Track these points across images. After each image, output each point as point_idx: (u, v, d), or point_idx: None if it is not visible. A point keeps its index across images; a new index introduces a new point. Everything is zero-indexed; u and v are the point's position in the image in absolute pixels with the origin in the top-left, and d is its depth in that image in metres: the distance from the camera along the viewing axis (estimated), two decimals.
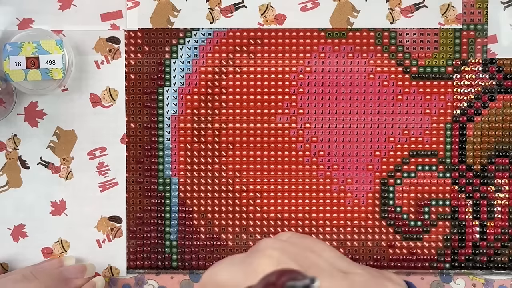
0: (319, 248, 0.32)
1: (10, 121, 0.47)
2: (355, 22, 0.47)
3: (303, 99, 0.47)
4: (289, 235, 0.33)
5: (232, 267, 0.29)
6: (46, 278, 0.44)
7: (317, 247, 0.32)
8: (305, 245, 0.32)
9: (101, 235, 0.48)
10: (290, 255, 0.29)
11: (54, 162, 0.47)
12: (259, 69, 0.47)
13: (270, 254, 0.28)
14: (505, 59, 0.47)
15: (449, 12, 0.47)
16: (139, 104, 0.48)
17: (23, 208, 0.48)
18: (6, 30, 0.47)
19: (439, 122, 0.47)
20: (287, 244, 0.31)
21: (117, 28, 0.47)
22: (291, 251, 0.30)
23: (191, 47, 0.47)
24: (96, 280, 0.46)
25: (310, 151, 0.48)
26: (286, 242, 0.31)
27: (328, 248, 0.32)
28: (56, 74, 0.44)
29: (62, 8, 0.47)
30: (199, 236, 0.48)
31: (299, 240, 0.32)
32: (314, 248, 0.31)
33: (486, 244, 0.47)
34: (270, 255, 0.28)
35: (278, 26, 0.47)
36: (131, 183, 0.48)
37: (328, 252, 0.32)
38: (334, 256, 0.31)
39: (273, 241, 0.31)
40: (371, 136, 0.47)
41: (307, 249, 0.31)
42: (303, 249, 0.30)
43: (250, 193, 0.48)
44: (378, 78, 0.47)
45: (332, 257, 0.31)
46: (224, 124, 0.48)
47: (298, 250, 0.30)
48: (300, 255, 0.30)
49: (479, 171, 0.47)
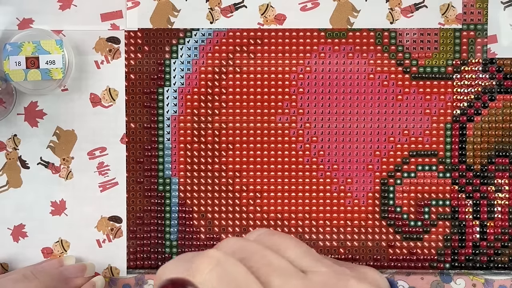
0: (285, 246, 0.31)
1: (10, 121, 0.47)
2: (355, 22, 0.47)
3: (303, 99, 0.47)
4: (260, 232, 0.33)
5: (179, 263, 0.29)
6: (46, 277, 0.44)
7: (283, 245, 0.31)
8: (270, 243, 0.31)
9: (101, 235, 0.48)
10: (240, 255, 0.29)
11: (54, 162, 0.47)
12: (259, 69, 0.47)
13: (212, 255, 0.27)
14: (505, 59, 0.47)
15: (449, 12, 0.47)
16: (139, 104, 0.48)
17: (23, 208, 0.48)
18: (6, 30, 0.47)
19: (439, 122, 0.47)
20: (247, 243, 0.30)
21: (117, 28, 0.47)
22: (246, 250, 0.30)
23: (191, 47, 0.47)
24: (96, 280, 0.46)
25: (310, 151, 0.48)
26: (247, 241, 0.31)
27: (294, 245, 0.32)
28: (56, 74, 0.44)
29: (62, 8, 0.47)
30: (199, 236, 0.48)
31: (266, 238, 0.32)
32: (280, 246, 0.31)
33: (486, 244, 0.47)
34: (212, 255, 0.28)
35: (278, 26, 0.47)
36: (131, 183, 0.48)
37: (292, 249, 0.31)
38: (299, 254, 0.31)
39: (234, 240, 0.31)
40: (371, 136, 0.48)
41: (269, 248, 0.30)
42: (264, 248, 0.30)
43: (250, 193, 0.48)
44: (378, 78, 0.47)
45: (297, 254, 0.31)
46: (224, 124, 0.48)
47: (256, 249, 0.30)
48: (256, 255, 0.30)
49: (479, 171, 0.47)
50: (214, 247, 0.30)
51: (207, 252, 0.28)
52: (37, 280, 0.43)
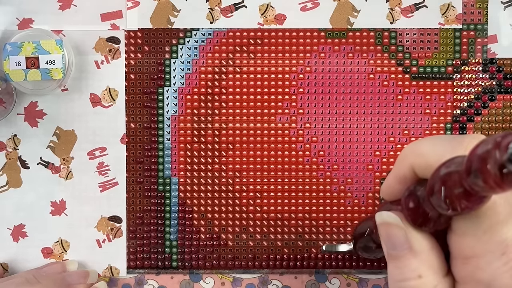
0: None
1: (10, 121, 0.47)
2: (355, 22, 0.47)
3: (303, 99, 0.47)
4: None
5: (437, 141, 0.29)
6: (48, 282, 0.44)
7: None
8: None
9: (101, 235, 0.48)
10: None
11: (54, 162, 0.47)
12: (259, 69, 0.47)
13: (478, 136, 0.27)
14: (505, 59, 0.47)
15: (449, 12, 0.47)
16: (139, 104, 0.48)
17: (23, 208, 0.48)
18: (6, 30, 0.47)
19: (439, 122, 0.47)
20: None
21: (117, 28, 0.47)
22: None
23: (191, 47, 0.47)
24: (98, 286, 0.46)
25: (310, 151, 0.48)
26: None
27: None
28: (56, 74, 0.44)
29: (62, 8, 0.47)
30: (199, 236, 0.48)
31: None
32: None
33: None
34: (477, 135, 0.27)
35: (278, 26, 0.47)
36: (131, 183, 0.48)
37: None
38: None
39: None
40: (371, 136, 0.47)
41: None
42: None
43: (250, 193, 0.48)
44: (378, 78, 0.47)
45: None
46: (224, 124, 0.48)
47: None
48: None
49: None
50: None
51: (472, 135, 0.27)
52: (40, 284, 0.43)
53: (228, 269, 0.48)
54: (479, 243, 0.27)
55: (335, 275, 0.48)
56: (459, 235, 0.28)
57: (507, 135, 0.22)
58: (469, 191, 0.25)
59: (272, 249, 0.48)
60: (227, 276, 0.48)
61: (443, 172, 0.27)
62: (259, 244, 0.48)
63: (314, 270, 0.48)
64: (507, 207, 0.26)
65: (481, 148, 0.23)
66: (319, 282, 0.48)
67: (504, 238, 0.26)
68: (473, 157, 0.24)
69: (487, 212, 0.26)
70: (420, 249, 0.30)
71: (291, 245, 0.48)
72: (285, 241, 0.48)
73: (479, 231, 0.27)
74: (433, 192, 0.27)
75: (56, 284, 0.44)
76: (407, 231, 0.30)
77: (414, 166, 0.30)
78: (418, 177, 0.31)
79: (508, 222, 0.26)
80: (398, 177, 0.32)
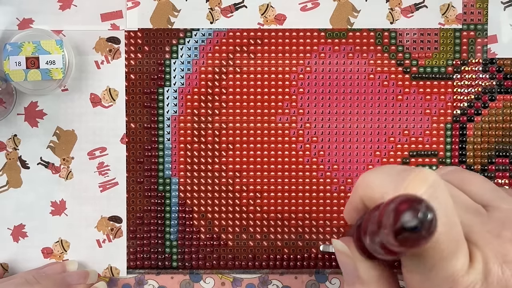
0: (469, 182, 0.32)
1: (10, 121, 0.47)
2: (355, 22, 0.47)
3: (303, 99, 0.47)
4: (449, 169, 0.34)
5: (385, 175, 0.29)
6: (48, 283, 0.44)
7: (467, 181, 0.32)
8: (455, 178, 0.32)
9: (101, 235, 0.48)
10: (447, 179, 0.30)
11: (54, 162, 0.47)
12: (259, 69, 0.47)
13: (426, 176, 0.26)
14: (505, 59, 0.47)
15: (449, 12, 0.47)
16: (139, 104, 0.48)
17: (23, 208, 0.48)
18: (6, 30, 0.47)
19: (439, 122, 0.47)
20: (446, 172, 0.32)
21: (117, 28, 0.47)
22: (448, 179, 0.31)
23: (191, 47, 0.47)
24: (98, 286, 0.46)
25: (310, 151, 0.48)
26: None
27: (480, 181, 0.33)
28: (56, 74, 0.44)
29: (62, 8, 0.47)
30: (199, 236, 0.48)
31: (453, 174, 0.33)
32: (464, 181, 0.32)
33: None
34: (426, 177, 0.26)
35: (278, 26, 0.47)
36: (131, 183, 0.48)
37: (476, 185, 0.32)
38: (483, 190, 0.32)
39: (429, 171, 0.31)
40: (371, 136, 0.47)
41: (451, 182, 0.31)
42: (446, 183, 0.31)
43: (250, 193, 0.48)
44: (378, 78, 0.47)
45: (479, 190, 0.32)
46: (224, 124, 0.48)
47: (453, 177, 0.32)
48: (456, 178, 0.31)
49: (479, 171, 0.47)
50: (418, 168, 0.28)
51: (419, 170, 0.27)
52: (39, 284, 0.43)
53: (228, 269, 0.48)
54: (427, 280, 0.27)
55: (335, 275, 0.48)
56: (408, 271, 0.28)
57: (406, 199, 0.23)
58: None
59: (272, 249, 0.48)
60: (227, 276, 0.48)
61: (366, 219, 0.27)
62: (259, 244, 0.48)
63: (314, 270, 0.48)
64: (450, 244, 0.26)
65: (386, 210, 0.24)
66: (319, 282, 0.48)
67: (451, 273, 0.26)
68: (382, 217, 0.24)
69: (429, 251, 0.26)
70: (368, 279, 0.30)
71: (291, 245, 0.48)
72: (285, 241, 0.48)
73: (425, 269, 0.27)
74: (366, 234, 0.27)
75: (56, 285, 0.44)
76: (356, 261, 0.30)
77: (363, 198, 0.30)
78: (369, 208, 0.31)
79: (453, 258, 0.26)
80: (352, 205, 0.31)
